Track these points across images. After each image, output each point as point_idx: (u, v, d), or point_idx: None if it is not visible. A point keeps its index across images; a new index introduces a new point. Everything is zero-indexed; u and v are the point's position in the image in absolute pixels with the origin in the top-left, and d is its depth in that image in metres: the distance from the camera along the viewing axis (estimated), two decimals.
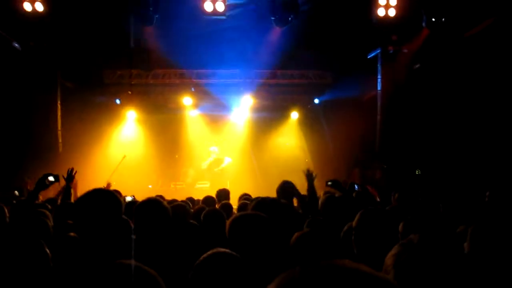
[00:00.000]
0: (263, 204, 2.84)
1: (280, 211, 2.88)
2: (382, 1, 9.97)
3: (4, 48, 10.41)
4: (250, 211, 2.60)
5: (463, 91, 9.85)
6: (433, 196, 5.42)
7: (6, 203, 3.83)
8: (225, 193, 6.73)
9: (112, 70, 12.99)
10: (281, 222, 2.77)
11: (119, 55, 11.49)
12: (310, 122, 14.44)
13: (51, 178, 3.67)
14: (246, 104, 14.00)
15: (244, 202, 5.48)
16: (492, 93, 9.24)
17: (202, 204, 5.92)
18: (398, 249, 1.31)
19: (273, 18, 10.22)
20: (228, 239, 2.31)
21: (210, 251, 2.15)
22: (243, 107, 14.18)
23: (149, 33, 10.86)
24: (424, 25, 10.10)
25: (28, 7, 9.54)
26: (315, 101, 14.40)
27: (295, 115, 14.75)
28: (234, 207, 5.94)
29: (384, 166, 11.42)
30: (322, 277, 0.71)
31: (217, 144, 13.69)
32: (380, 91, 11.68)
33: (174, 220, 3.73)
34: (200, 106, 14.31)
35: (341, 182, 5.39)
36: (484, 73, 9.35)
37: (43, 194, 6.22)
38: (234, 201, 6.64)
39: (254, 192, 7.56)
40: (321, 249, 2.63)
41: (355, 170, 12.83)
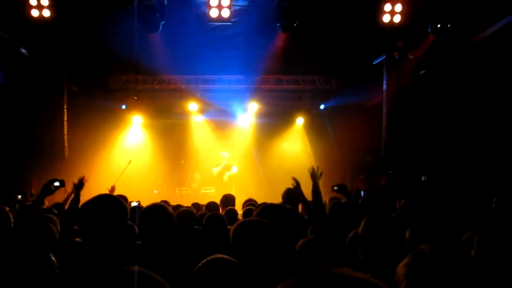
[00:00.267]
0: (268, 210, 2.82)
1: (285, 217, 2.87)
2: (388, 7, 9.96)
3: (12, 54, 10.49)
4: (254, 218, 2.60)
5: (469, 97, 9.82)
6: (439, 203, 5.39)
7: (10, 208, 3.83)
8: (230, 199, 6.62)
9: (118, 76, 13.05)
10: (286, 228, 2.76)
11: (125, 61, 11.53)
12: (316, 128, 14.40)
13: (57, 184, 3.68)
14: (251, 110, 14.01)
15: (249, 208, 5.45)
16: (498, 99, 9.21)
17: (205, 210, 5.91)
18: (410, 259, 1.30)
19: (278, 24, 10.24)
20: (232, 246, 2.30)
21: (209, 257, 2.15)
22: (248, 113, 14.19)
23: (155, 39, 10.92)
24: (430, 31, 10.08)
25: (36, 13, 9.61)
26: (321, 107, 14.39)
27: (301, 121, 14.72)
28: (240, 213, 5.92)
29: (390, 172, 11.37)
30: (321, 286, 0.71)
31: (222, 150, 13.69)
32: (386, 97, 11.66)
33: (180, 226, 3.73)
34: (206, 112, 14.33)
35: (346, 187, 5.34)
36: (490, 79, 9.32)
37: (49, 199, 6.25)
38: (238, 207, 6.61)
39: (259, 198, 7.53)
40: (327, 256, 2.61)
41: (360, 176, 12.79)
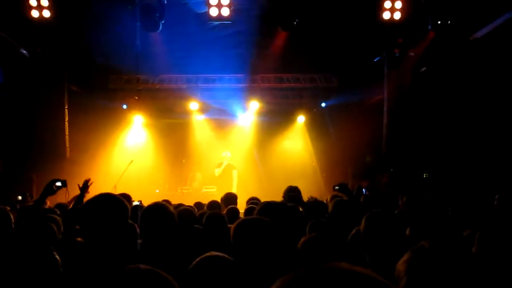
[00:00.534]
0: (269, 208, 2.82)
1: (287, 215, 2.86)
2: (388, 4, 9.94)
3: (12, 55, 10.49)
4: (255, 216, 2.59)
5: (470, 94, 9.80)
6: (441, 200, 5.38)
7: (11, 208, 3.83)
8: (232, 198, 6.59)
9: (119, 75, 13.05)
10: (288, 226, 2.75)
11: (126, 60, 11.53)
12: (317, 126, 14.38)
13: (59, 184, 3.67)
14: (252, 109, 14.00)
15: (251, 207, 5.43)
16: (499, 96, 9.19)
17: (207, 209, 5.89)
18: (410, 256, 1.31)
19: (278, 22, 10.23)
20: (233, 244, 2.30)
21: (204, 255, 2.15)
22: (249, 112, 14.18)
23: (156, 38, 10.92)
24: (430, 28, 10.06)
25: (36, 14, 9.61)
26: (322, 105, 14.37)
27: (302, 119, 14.71)
28: (242, 211, 5.90)
29: (391, 170, 11.36)
30: (319, 280, 0.70)
31: (223, 149, 13.67)
32: (386, 95, 11.64)
33: (180, 225, 3.73)
34: (206, 111, 14.32)
35: (347, 185, 5.33)
36: (491, 76, 9.30)
37: (51, 199, 6.26)
38: (242, 206, 6.59)
39: (261, 196, 7.50)
40: (329, 254, 2.61)
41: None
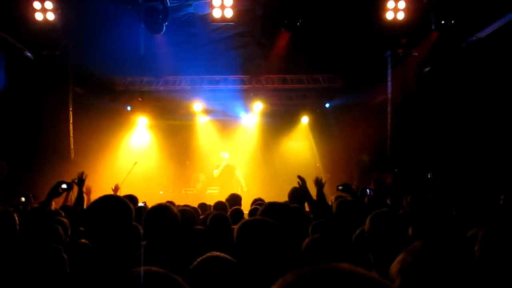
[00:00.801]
0: (273, 209, 2.81)
1: (290, 216, 2.86)
2: (391, 5, 9.92)
3: (17, 58, 10.54)
4: (258, 217, 2.59)
5: (474, 94, 9.76)
6: (445, 200, 5.37)
7: (14, 210, 3.85)
8: (237, 199, 6.57)
9: (123, 77, 13.09)
10: (292, 227, 2.75)
11: (130, 62, 11.56)
12: (321, 127, 14.38)
13: (64, 186, 3.69)
14: (256, 110, 14.01)
15: (256, 208, 5.42)
16: (503, 95, 9.15)
17: (213, 210, 5.88)
18: (403, 256, 1.33)
19: (282, 23, 10.22)
20: (236, 245, 2.30)
21: (205, 255, 2.16)
22: (253, 113, 14.19)
23: (159, 40, 10.94)
24: (434, 28, 10.03)
25: (40, 17, 9.65)
26: (326, 106, 14.36)
27: (306, 120, 14.72)
28: (246, 213, 5.90)
29: (396, 170, 11.32)
30: (318, 280, 0.70)
31: (227, 150, 13.67)
32: (390, 95, 11.61)
33: (182, 226, 3.75)
34: (210, 112, 14.35)
35: (351, 186, 5.32)
36: (495, 76, 9.27)
37: (56, 201, 6.28)
38: (247, 207, 6.58)
39: (265, 197, 7.50)
40: (333, 255, 2.61)
41: (373, 175, 12.70)
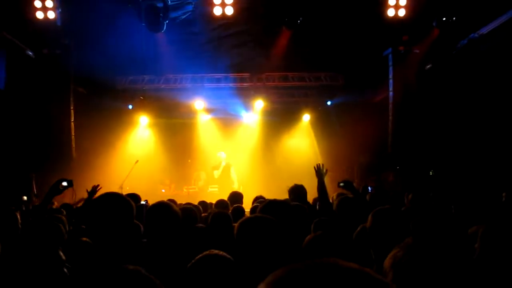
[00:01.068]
0: (272, 206, 2.81)
1: (290, 213, 2.86)
2: (392, 1, 9.91)
3: (18, 57, 10.55)
4: (258, 214, 2.59)
5: (476, 91, 9.74)
6: (445, 197, 5.36)
7: (16, 209, 3.86)
8: (238, 197, 6.55)
9: (124, 76, 13.09)
10: (292, 225, 2.75)
11: (131, 61, 11.56)
12: (322, 124, 14.36)
13: (65, 183, 3.70)
14: (258, 107, 14.00)
15: (257, 205, 5.42)
16: (506, 92, 9.12)
17: (215, 208, 5.89)
18: (395, 251, 1.35)
19: (283, 21, 10.21)
20: (236, 242, 2.31)
21: (203, 253, 2.17)
22: (255, 111, 14.18)
23: (160, 38, 10.94)
24: (435, 25, 10.01)
25: (40, 16, 9.66)
26: (327, 103, 14.35)
27: (307, 118, 14.70)
28: (248, 210, 5.90)
29: (397, 168, 11.31)
30: (309, 275, 0.69)
31: (229, 148, 13.66)
32: (392, 92, 11.60)
33: (184, 224, 3.75)
34: (212, 111, 14.35)
35: (352, 183, 5.31)
36: (497, 72, 9.24)
37: (58, 199, 6.29)
38: (248, 204, 6.58)
39: (267, 195, 7.50)
40: (334, 252, 2.61)
41: (372, 178, 12.69)
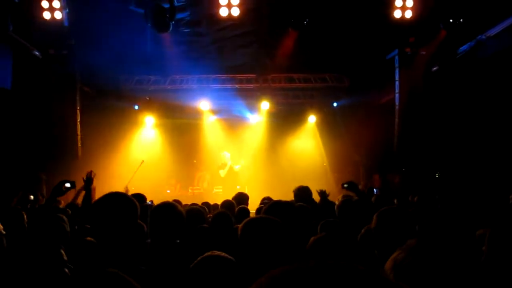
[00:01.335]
0: (277, 207, 2.80)
1: (295, 215, 2.84)
2: (399, 3, 9.87)
3: (25, 57, 10.59)
4: (262, 215, 2.58)
5: (483, 93, 9.67)
6: (452, 200, 5.33)
7: (22, 208, 3.87)
8: (244, 198, 6.53)
9: (130, 76, 13.12)
10: (296, 226, 2.73)
11: (137, 61, 11.59)
12: (328, 126, 14.34)
13: (68, 185, 3.71)
14: (263, 109, 13.99)
15: (262, 206, 5.42)
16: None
17: (221, 209, 5.89)
18: (397, 253, 1.35)
19: (289, 22, 10.20)
20: (240, 243, 2.30)
21: (205, 254, 2.17)
22: (260, 112, 14.18)
23: (166, 39, 10.95)
24: (442, 27, 9.96)
25: (47, 16, 9.70)
26: (334, 105, 14.33)
27: (313, 119, 14.68)
28: (253, 212, 5.89)
29: (403, 170, 11.27)
30: (305, 275, 0.68)
31: (234, 149, 13.66)
32: (398, 94, 11.54)
33: (189, 224, 3.75)
34: (217, 111, 14.36)
35: (357, 185, 5.29)
36: (504, 74, 9.17)
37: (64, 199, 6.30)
38: (254, 206, 6.58)
39: (272, 196, 7.49)
40: (338, 254, 2.59)
41: (375, 176, 12.68)
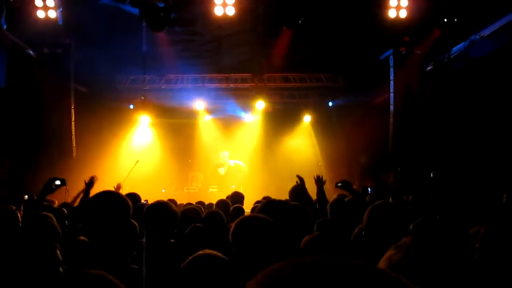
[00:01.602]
0: (271, 206, 2.79)
1: (289, 214, 2.84)
2: (393, 2, 9.89)
3: (19, 56, 10.55)
4: (255, 214, 2.58)
5: (477, 92, 9.71)
6: (445, 199, 5.34)
7: (17, 208, 3.85)
8: (239, 197, 6.52)
9: (125, 75, 13.08)
10: (290, 225, 2.73)
11: (132, 60, 11.56)
12: (323, 125, 14.35)
13: (58, 182, 3.68)
14: (259, 108, 13.98)
15: (257, 205, 5.42)
16: (507, 94, 9.10)
17: (216, 208, 5.88)
18: (392, 252, 1.33)
19: (284, 21, 10.20)
20: (233, 242, 2.29)
21: (196, 253, 2.16)
22: (256, 111, 14.17)
23: (161, 38, 10.93)
24: (436, 26, 10.00)
25: (41, 14, 9.65)
26: (329, 104, 14.34)
27: (308, 119, 14.69)
28: (248, 211, 5.89)
29: (398, 169, 11.29)
30: (300, 271, 0.67)
31: (230, 149, 13.66)
32: (393, 93, 11.57)
33: (185, 223, 3.75)
34: (212, 111, 14.35)
35: (351, 184, 5.28)
36: (498, 74, 9.22)
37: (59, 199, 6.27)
38: (250, 205, 6.57)
39: (268, 195, 7.50)
40: (332, 253, 2.59)
41: (370, 175, 12.70)
